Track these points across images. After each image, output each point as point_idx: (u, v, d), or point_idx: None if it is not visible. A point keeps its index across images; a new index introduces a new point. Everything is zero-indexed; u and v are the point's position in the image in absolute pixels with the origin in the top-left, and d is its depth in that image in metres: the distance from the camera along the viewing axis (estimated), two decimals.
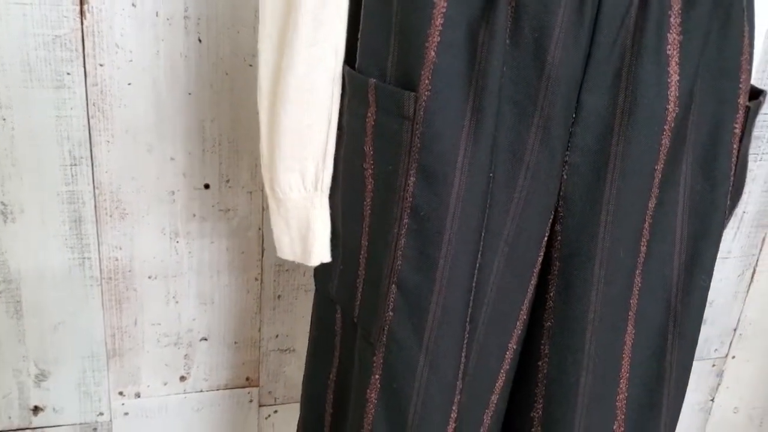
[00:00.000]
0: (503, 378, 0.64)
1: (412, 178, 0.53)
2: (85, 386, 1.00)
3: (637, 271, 0.58)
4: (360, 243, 0.59)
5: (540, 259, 0.59)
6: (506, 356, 0.63)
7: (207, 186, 0.93)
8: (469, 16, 0.50)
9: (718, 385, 1.34)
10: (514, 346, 0.63)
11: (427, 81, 0.51)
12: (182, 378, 1.04)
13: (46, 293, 0.93)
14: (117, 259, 0.93)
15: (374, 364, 0.60)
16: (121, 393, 1.02)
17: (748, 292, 1.26)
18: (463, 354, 0.59)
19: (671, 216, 0.57)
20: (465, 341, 0.58)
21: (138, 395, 1.03)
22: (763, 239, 1.22)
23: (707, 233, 0.59)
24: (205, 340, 1.02)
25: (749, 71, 0.56)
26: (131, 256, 0.94)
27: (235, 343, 1.04)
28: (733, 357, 1.32)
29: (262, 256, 0.99)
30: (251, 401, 1.08)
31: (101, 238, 0.91)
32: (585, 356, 0.60)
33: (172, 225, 0.94)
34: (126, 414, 1.03)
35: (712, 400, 1.35)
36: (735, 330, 1.29)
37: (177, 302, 0.99)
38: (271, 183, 0.61)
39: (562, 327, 0.60)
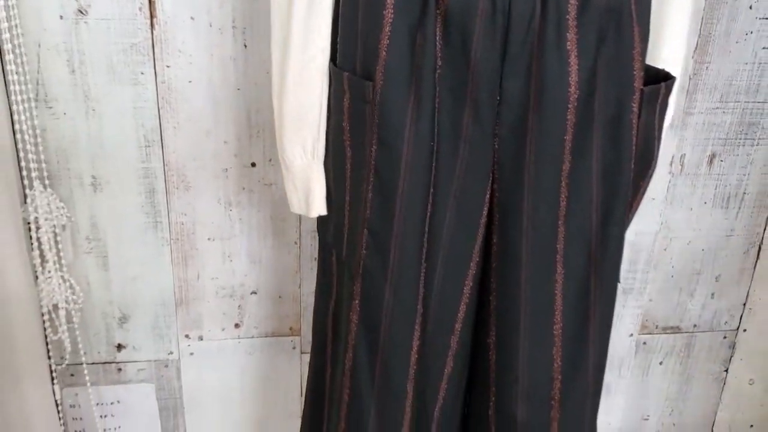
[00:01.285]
0: (464, 309, 0.80)
1: (374, 147, 0.71)
2: (158, 329, 1.22)
3: (560, 222, 0.73)
4: (344, 198, 0.77)
5: (484, 212, 0.75)
6: (464, 291, 0.79)
7: (254, 164, 1.13)
8: (409, 25, 0.67)
9: (731, 356, 1.43)
10: (471, 283, 0.79)
11: (380, 74, 0.68)
12: (236, 325, 1.24)
13: (127, 250, 1.15)
14: (182, 224, 1.15)
15: (354, 292, 0.77)
16: (187, 336, 1.23)
17: (755, 268, 1.35)
18: (421, 285, 0.75)
19: (586, 178, 0.72)
20: (422, 276, 0.75)
21: (201, 338, 1.24)
22: (767, 218, 1.31)
23: (617, 192, 0.73)
24: (255, 293, 1.22)
25: (641, 61, 0.70)
26: (194, 221, 1.15)
27: (280, 297, 1.23)
28: (745, 330, 1.41)
29: (300, 223, 1.18)
30: (294, 348, 1.28)
31: (170, 206, 1.13)
32: (522, 291, 0.76)
33: (225, 196, 1.14)
34: (191, 354, 1.25)
35: (726, 371, 1.44)
36: (744, 305, 1.38)
37: (231, 260, 1.19)
38: (281, 154, 0.80)
39: (504, 266, 0.76)
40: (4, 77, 0.98)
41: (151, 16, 1.01)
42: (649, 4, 0.70)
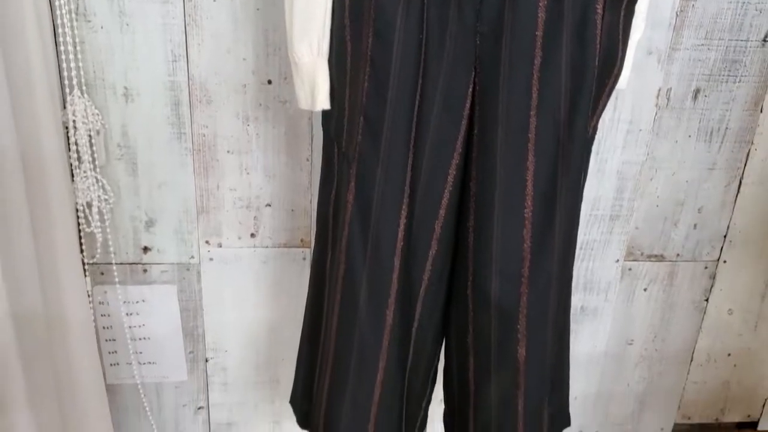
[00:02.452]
0: (447, 197, 0.91)
1: (370, 38, 0.81)
2: (180, 234, 1.34)
3: (532, 113, 0.83)
4: (345, 92, 0.88)
5: (467, 104, 0.85)
6: (448, 179, 0.90)
7: (270, 81, 1.24)
8: None
9: (712, 287, 1.52)
10: (454, 172, 0.90)
11: None
12: (252, 235, 1.36)
13: (154, 158, 1.27)
14: (204, 135, 1.26)
15: (351, 175, 0.88)
16: (207, 242, 1.35)
17: (735, 201, 1.44)
18: (409, 169, 0.86)
19: (555, 72, 0.82)
20: (410, 161, 0.86)
21: (220, 245, 1.36)
22: (747, 154, 1.40)
23: (582, 85, 0.83)
24: (269, 206, 1.34)
25: None
26: (215, 133, 1.26)
27: (292, 210, 1.35)
28: (725, 262, 1.50)
29: (312, 141, 1.29)
30: (304, 259, 1.39)
31: (193, 117, 1.25)
32: (497, 177, 0.86)
33: (244, 111, 1.25)
34: (211, 259, 1.37)
35: (707, 300, 1.54)
36: (725, 237, 1.47)
37: (248, 173, 1.31)
38: (290, 52, 0.91)
39: (482, 153, 0.86)
40: None
41: None
42: None
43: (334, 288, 0.96)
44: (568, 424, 1.17)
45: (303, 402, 1.15)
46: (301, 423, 1.17)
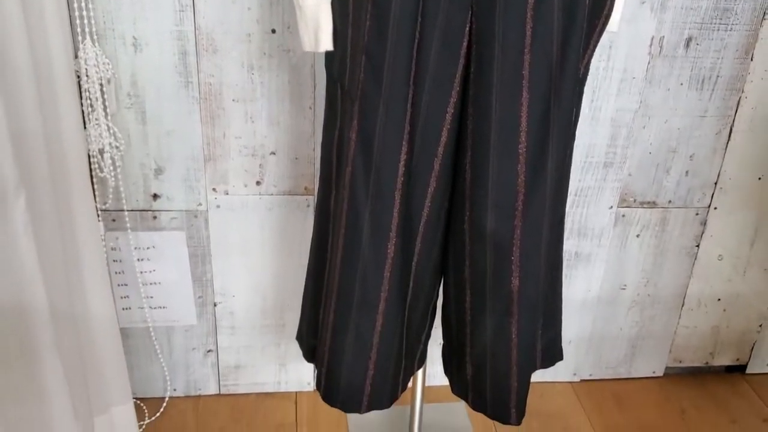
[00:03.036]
0: (446, 135, 0.95)
1: None
2: (188, 182, 1.39)
3: (526, 50, 0.87)
4: (347, 32, 0.92)
5: (465, 43, 0.89)
6: (446, 117, 0.94)
7: (273, 31, 1.28)
8: None
9: (702, 233, 1.58)
10: (452, 109, 0.94)
11: None
12: (258, 183, 1.41)
13: (162, 106, 1.31)
14: (210, 84, 1.30)
15: (353, 112, 0.93)
16: (214, 189, 1.40)
17: (726, 148, 1.49)
18: (409, 105, 0.91)
19: (549, 11, 0.86)
20: (410, 98, 0.90)
21: (226, 193, 1.41)
22: (738, 101, 1.44)
23: (574, 25, 0.87)
24: (274, 154, 1.39)
25: None
26: (220, 82, 1.31)
27: (296, 158, 1.40)
28: (715, 208, 1.55)
29: (314, 89, 1.33)
30: (308, 206, 1.44)
31: (200, 66, 1.29)
32: (493, 113, 0.91)
33: (248, 60, 1.29)
34: (218, 206, 1.42)
35: (698, 246, 1.59)
36: (716, 184, 1.52)
37: (253, 122, 1.35)
38: None
39: (478, 91, 0.91)
40: None
41: None
42: None
43: (338, 224, 1.01)
44: (560, 357, 1.23)
45: (309, 337, 1.20)
46: (308, 357, 1.23)
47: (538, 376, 1.69)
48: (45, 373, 1.06)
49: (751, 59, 1.39)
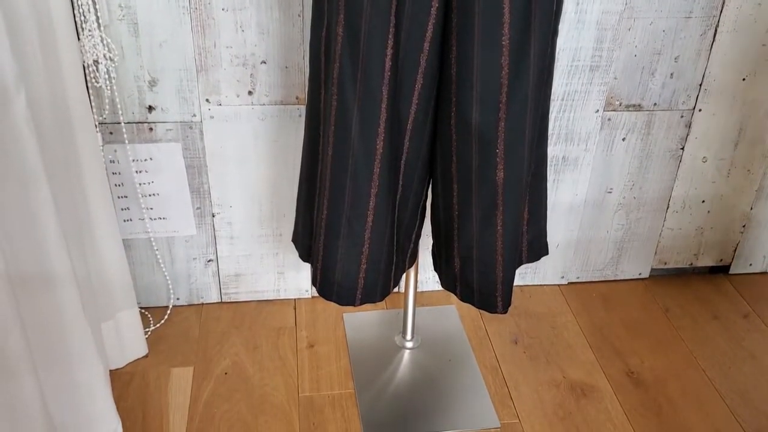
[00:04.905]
0: (431, 30, 0.97)
1: None
2: (182, 93, 1.41)
3: None
4: None
5: None
6: (431, 11, 0.95)
7: None
8: None
9: (687, 135, 1.61)
10: (436, 4, 0.96)
11: None
12: (249, 92, 1.44)
13: (154, 17, 1.33)
14: None
15: (339, 7, 0.95)
16: (207, 100, 1.43)
17: (711, 50, 1.51)
18: (391, 27, 0.93)
19: None
20: (392, 23, 0.93)
21: (219, 103, 1.44)
22: (723, 2, 1.45)
23: None
24: (264, 63, 1.41)
25: None
26: None
27: (286, 67, 1.42)
28: (700, 110, 1.58)
29: None
30: (300, 116, 1.47)
31: None
32: (477, 5, 0.93)
33: None
34: (212, 117, 1.45)
35: (682, 148, 1.63)
36: (700, 85, 1.55)
37: (243, 31, 1.37)
38: None
39: (461, 25, 0.93)
40: None
41: None
42: None
43: (329, 121, 1.05)
44: (545, 252, 1.29)
45: (304, 238, 1.26)
46: (303, 257, 1.28)
47: (527, 279, 1.76)
48: (55, 276, 1.11)
49: None
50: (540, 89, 1.03)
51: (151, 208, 1.53)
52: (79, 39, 1.26)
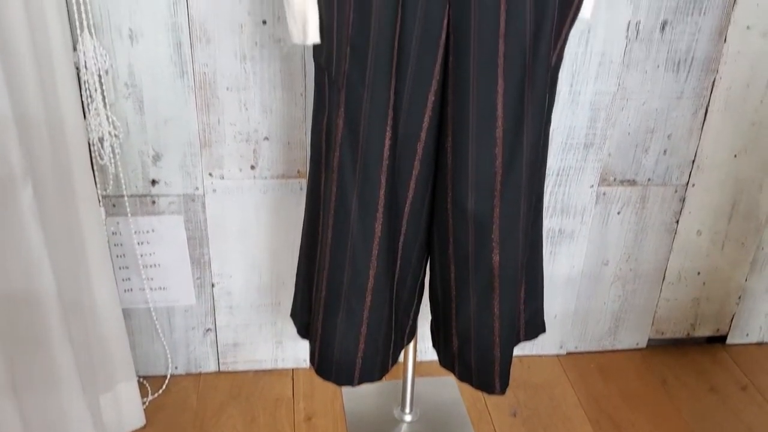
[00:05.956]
0: (428, 120, 1.01)
1: None
2: (185, 167, 1.44)
3: (500, 40, 0.93)
4: (333, 25, 0.97)
5: (443, 35, 0.95)
6: (427, 104, 1.00)
7: (264, 22, 1.33)
8: None
9: (681, 209, 1.64)
10: (433, 97, 0.99)
11: None
12: (252, 167, 1.47)
13: (159, 96, 1.36)
14: (205, 73, 1.36)
15: (340, 100, 0.99)
16: (210, 174, 1.46)
17: (702, 128, 1.54)
18: (392, 93, 0.96)
19: (521, 3, 0.91)
20: (393, 86, 0.96)
21: (222, 177, 1.47)
22: (713, 82, 1.49)
23: (545, 15, 0.93)
24: (267, 139, 1.44)
25: None
26: (214, 71, 1.36)
27: (288, 143, 1.45)
28: (693, 185, 1.61)
29: (305, 77, 1.38)
30: (301, 189, 1.50)
31: (194, 57, 1.34)
32: (471, 100, 0.97)
33: (241, 50, 1.35)
34: (214, 191, 1.48)
35: (677, 222, 1.65)
36: (693, 162, 1.58)
37: (247, 109, 1.40)
38: None
39: (457, 79, 0.96)
40: None
41: None
42: None
43: (328, 204, 1.07)
44: (543, 330, 1.30)
45: (302, 314, 1.27)
46: (302, 333, 1.29)
47: (525, 349, 1.76)
48: (54, 354, 1.12)
49: (725, 41, 1.45)
50: (534, 176, 1.05)
51: (152, 279, 1.54)
52: (85, 117, 1.30)
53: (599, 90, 1.46)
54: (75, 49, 1.26)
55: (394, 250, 1.10)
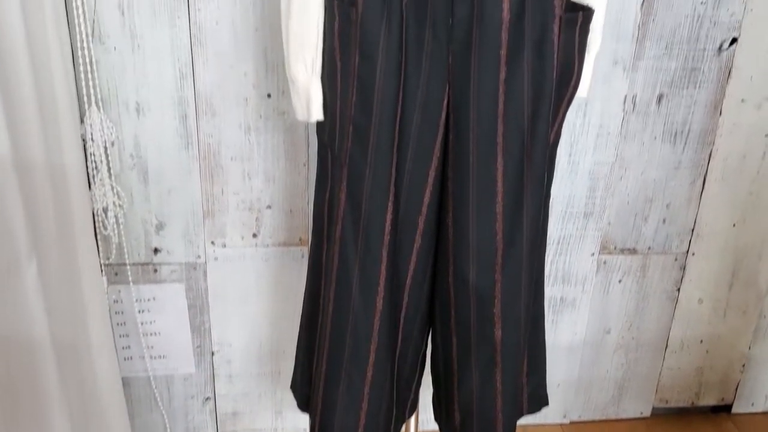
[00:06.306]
0: (429, 195, 1.02)
1: (357, 58, 0.93)
2: (188, 236, 1.45)
3: (499, 120, 0.95)
4: (336, 103, 1.00)
5: (443, 114, 0.97)
6: (428, 180, 1.01)
7: (269, 95, 1.35)
8: None
9: (682, 277, 1.64)
10: (434, 173, 1.01)
11: (361, 1, 0.90)
12: (254, 235, 1.48)
13: (164, 166, 1.38)
14: (209, 144, 1.38)
15: (342, 176, 1.00)
16: (212, 242, 1.47)
17: (700, 197, 1.56)
18: (393, 170, 0.98)
19: (519, 84, 0.93)
20: (394, 163, 0.97)
21: (224, 245, 1.47)
22: (710, 153, 1.51)
23: (542, 95, 0.95)
24: (270, 207, 1.45)
25: None
26: (219, 142, 1.38)
27: (291, 211, 1.46)
28: (693, 254, 1.62)
29: (308, 147, 1.41)
30: (303, 257, 1.51)
31: (199, 129, 1.36)
32: (471, 176, 0.98)
33: (245, 122, 1.37)
34: (216, 259, 1.48)
35: (678, 290, 1.65)
36: (693, 230, 1.59)
37: (250, 178, 1.42)
38: (288, 71, 1.02)
39: (457, 156, 0.98)
40: (68, 17, 1.22)
41: None
42: None
43: (330, 278, 1.07)
44: (545, 403, 1.29)
45: (303, 386, 1.26)
46: (302, 406, 1.28)
47: (529, 418, 1.74)
48: (53, 424, 1.11)
49: (720, 114, 1.47)
50: (535, 250, 1.06)
51: (152, 347, 1.54)
52: (90, 188, 1.31)
53: (598, 160, 1.48)
54: (82, 121, 1.28)
55: (395, 324, 1.10)
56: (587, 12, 0.96)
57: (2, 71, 1.02)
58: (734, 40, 1.40)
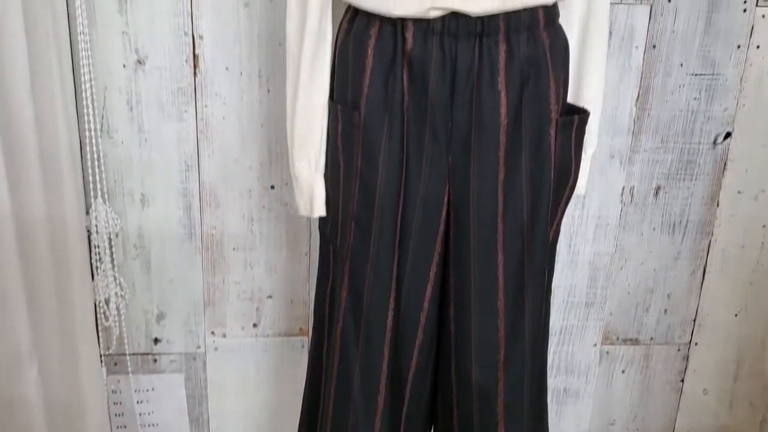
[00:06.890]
0: (430, 290, 1.02)
1: (359, 159, 0.95)
2: (188, 326, 1.45)
3: (498, 219, 0.96)
4: (339, 200, 1.01)
5: (444, 212, 0.99)
6: (429, 276, 1.02)
7: (272, 187, 1.38)
8: (384, 69, 0.92)
9: (686, 368, 1.62)
10: (435, 269, 1.02)
11: (363, 105, 0.93)
12: (254, 325, 1.47)
13: (167, 257, 1.39)
14: (213, 235, 1.39)
15: (344, 272, 1.01)
16: (213, 333, 1.46)
17: (701, 288, 1.56)
18: (395, 267, 0.99)
19: (517, 186, 0.95)
20: (396, 260, 0.98)
21: (224, 335, 1.47)
22: (709, 244, 1.53)
23: (541, 196, 0.96)
24: (271, 297, 1.46)
25: (556, 98, 0.94)
26: (222, 233, 1.39)
27: (291, 301, 1.46)
28: (696, 344, 1.60)
29: (310, 237, 1.42)
30: (303, 347, 1.50)
31: (203, 219, 1.38)
32: (472, 273, 0.99)
33: (249, 213, 1.39)
34: (216, 349, 1.47)
35: (682, 380, 1.63)
36: (694, 320, 1.59)
37: (252, 268, 1.43)
38: (292, 168, 1.05)
39: (458, 253, 0.99)
40: (77, 112, 1.25)
41: (195, 66, 1.28)
42: (563, 57, 0.95)
43: (330, 375, 1.07)
44: None
45: None
46: None
47: None
48: None
49: (717, 205, 1.49)
50: (537, 346, 1.06)
51: None
52: (93, 279, 1.32)
53: (597, 251, 1.49)
54: (87, 213, 1.30)
55: (397, 422, 1.08)
56: (583, 115, 0.99)
57: (11, 166, 1.04)
58: (728, 134, 1.44)
